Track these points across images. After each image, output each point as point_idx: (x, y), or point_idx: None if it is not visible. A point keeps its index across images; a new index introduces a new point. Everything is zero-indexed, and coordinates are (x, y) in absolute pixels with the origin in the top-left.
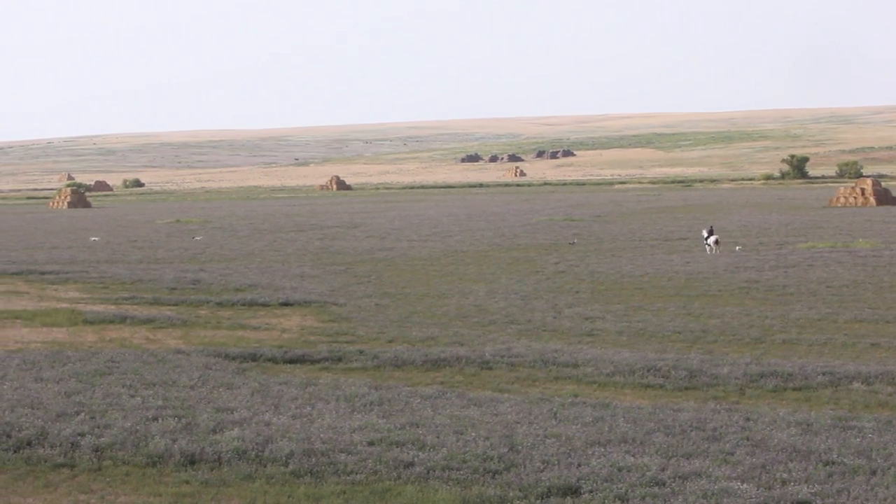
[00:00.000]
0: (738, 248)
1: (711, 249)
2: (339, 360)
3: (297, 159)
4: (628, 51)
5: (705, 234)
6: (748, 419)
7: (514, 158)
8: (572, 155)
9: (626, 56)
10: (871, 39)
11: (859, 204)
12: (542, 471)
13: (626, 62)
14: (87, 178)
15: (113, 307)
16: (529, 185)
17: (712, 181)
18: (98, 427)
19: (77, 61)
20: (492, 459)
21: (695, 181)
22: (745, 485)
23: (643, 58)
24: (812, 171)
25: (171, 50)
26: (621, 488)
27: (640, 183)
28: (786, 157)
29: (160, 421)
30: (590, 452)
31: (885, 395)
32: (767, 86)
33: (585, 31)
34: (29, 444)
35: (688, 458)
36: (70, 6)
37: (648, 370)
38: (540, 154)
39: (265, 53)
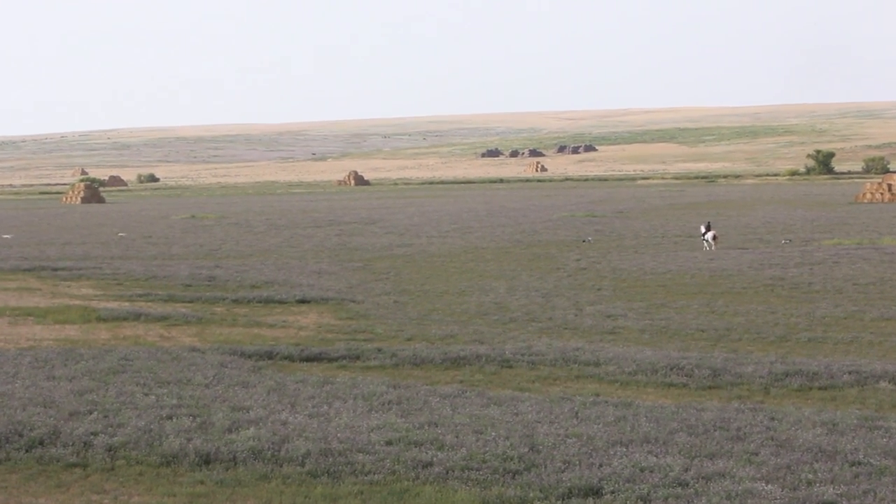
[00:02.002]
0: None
1: (709, 245)
2: (357, 358)
3: (314, 154)
4: (651, 44)
5: (703, 230)
6: (773, 419)
7: (534, 153)
8: (594, 150)
9: (648, 49)
10: None
11: (886, 200)
12: (563, 471)
13: (649, 56)
14: (101, 173)
15: (127, 304)
16: (550, 181)
17: (736, 177)
18: (111, 426)
19: (91, 55)
20: (512, 459)
21: (719, 177)
22: (769, 486)
23: (666, 51)
24: (838, 166)
25: (186, 44)
26: (644, 489)
27: (662, 178)
28: (811, 152)
29: (174, 420)
30: (612, 452)
31: None
32: (793, 80)
33: (608, 24)
34: (41, 443)
35: (711, 459)
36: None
37: (671, 369)
38: (561, 149)
39: (282, 47)
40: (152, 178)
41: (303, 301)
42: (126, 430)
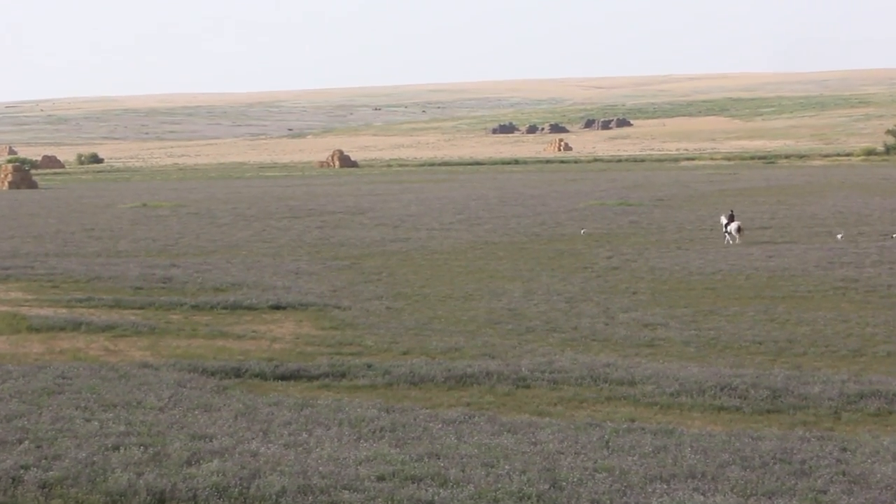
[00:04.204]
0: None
1: (732, 238)
2: (343, 375)
3: (290, 130)
4: None
5: (724, 221)
6: (844, 450)
7: (556, 129)
8: (628, 125)
9: (694, 2)
10: None
11: None
12: None
13: (695, 11)
14: (33, 153)
15: (64, 311)
16: (576, 162)
17: (801, 157)
18: (46, 458)
19: (20, 9)
20: (529, 498)
21: (779, 157)
22: None
23: (715, 6)
24: None
25: None
26: None
27: (711, 159)
28: (891, 127)
29: (122, 450)
30: (649, 490)
31: None
32: (869, 40)
33: None
34: None
35: (770, 498)
36: None
37: (722, 389)
38: (589, 124)
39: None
40: (95, 159)
41: (277, 307)
42: (63, 462)
